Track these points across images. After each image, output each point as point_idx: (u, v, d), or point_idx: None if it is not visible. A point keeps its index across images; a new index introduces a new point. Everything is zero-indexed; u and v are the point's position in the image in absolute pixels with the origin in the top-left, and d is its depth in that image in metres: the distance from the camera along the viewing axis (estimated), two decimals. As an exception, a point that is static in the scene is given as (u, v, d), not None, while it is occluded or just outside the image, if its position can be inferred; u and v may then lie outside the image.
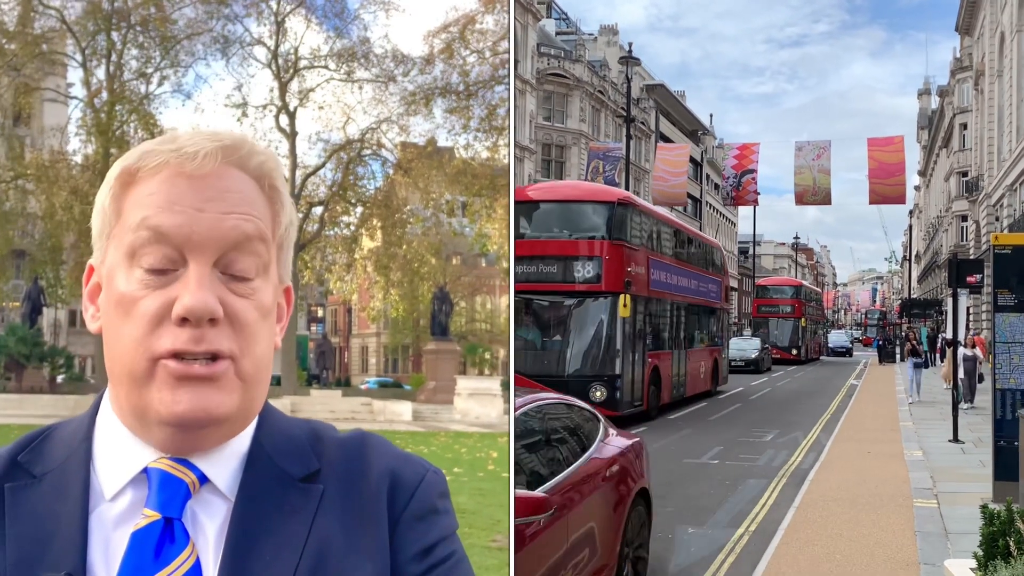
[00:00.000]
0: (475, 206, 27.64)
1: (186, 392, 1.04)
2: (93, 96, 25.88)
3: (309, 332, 33.39)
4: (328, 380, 29.87)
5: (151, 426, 1.08)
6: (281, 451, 1.16)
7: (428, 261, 28.31)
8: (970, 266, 15.92)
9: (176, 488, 1.08)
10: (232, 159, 1.12)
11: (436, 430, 21.27)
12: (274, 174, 1.16)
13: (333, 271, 29.91)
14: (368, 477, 1.16)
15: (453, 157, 27.45)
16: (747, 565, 7.63)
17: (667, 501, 10.66)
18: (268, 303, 1.13)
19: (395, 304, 29.45)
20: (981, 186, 43.25)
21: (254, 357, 1.10)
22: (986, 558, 4.23)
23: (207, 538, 1.08)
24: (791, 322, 45.89)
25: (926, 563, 7.28)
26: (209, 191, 1.08)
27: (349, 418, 23.51)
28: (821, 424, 18.32)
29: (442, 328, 26.94)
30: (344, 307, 35.07)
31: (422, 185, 27.59)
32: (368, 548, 1.11)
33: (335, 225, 29.50)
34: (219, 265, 1.07)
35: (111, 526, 1.07)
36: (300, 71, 27.97)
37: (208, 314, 1.04)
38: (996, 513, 4.40)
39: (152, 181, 1.09)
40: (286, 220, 1.17)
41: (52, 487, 1.09)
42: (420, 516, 1.16)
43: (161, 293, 1.05)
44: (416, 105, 27.37)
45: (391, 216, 27.79)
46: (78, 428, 1.15)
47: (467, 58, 27.09)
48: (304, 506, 1.12)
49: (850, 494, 10.52)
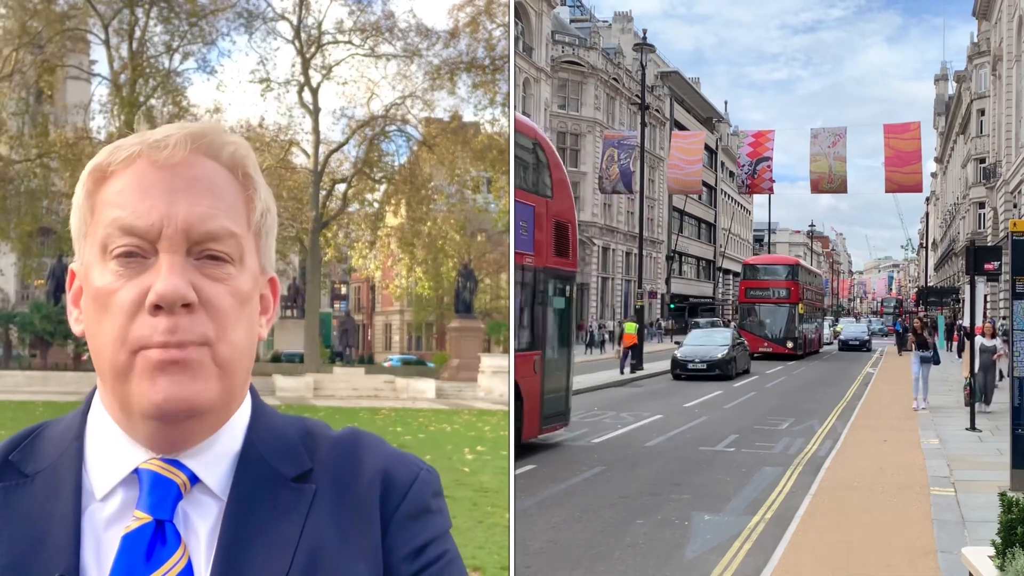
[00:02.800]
0: (500, 182, 27.33)
1: (165, 381, 1.04)
2: (118, 74, 25.83)
3: (332, 310, 33.32)
4: (351, 358, 29.75)
5: (136, 421, 1.08)
6: (273, 450, 1.15)
7: (452, 238, 28.01)
8: (988, 253, 15.81)
9: (167, 489, 1.07)
10: (203, 148, 1.11)
11: (460, 408, 21.12)
12: (246, 161, 1.15)
13: (356, 248, 29.64)
14: (361, 476, 1.15)
15: (478, 132, 27.11)
16: (763, 552, 7.65)
17: (683, 488, 10.69)
18: (246, 289, 1.12)
19: (419, 281, 29.22)
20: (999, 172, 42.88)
21: (231, 343, 1.09)
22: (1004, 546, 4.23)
23: (199, 539, 1.08)
24: (785, 309, 38.70)
25: (943, 551, 7.27)
26: (178, 180, 1.08)
27: (372, 395, 23.46)
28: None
29: (466, 305, 26.75)
30: (367, 284, 34.90)
31: (447, 161, 27.20)
32: (361, 548, 1.11)
33: (359, 202, 29.20)
34: (192, 253, 1.07)
35: (103, 526, 1.07)
36: (324, 46, 27.66)
37: (180, 299, 1.04)
38: (1015, 501, 4.39)
39: (123, 175, 1.09)
40: (261, 207, 1.16)
41: (44, 487, 1.09)
42: (413, 515, 1.15)
43: (135, 283, 1.05)
44: (441, 80, 27.01)
45: (415, 193, 27.38)
46: (69, 426, 1.15)
47: (493, 32, 26.72)
48: (296, 506, 1.11)
49: (867, 482, 10.51)
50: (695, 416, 17.72)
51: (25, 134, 25.60)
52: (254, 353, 1.17)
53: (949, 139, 71.87)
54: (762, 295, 39.30)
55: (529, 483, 10.61)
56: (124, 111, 24.95)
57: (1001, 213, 40.75)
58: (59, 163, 24.81)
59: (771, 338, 38.11)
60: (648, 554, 7.79)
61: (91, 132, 25.75)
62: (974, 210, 52.71)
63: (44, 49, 25.50)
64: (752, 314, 39.12)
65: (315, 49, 27.45)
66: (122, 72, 25.81)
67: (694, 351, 27.78)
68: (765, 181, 39.75)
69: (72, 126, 25.50)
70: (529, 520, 8.81)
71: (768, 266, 42.39)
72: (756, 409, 19.17)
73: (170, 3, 26.17)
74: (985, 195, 48.55)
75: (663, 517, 9.14)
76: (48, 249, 26.27)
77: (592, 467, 11.95)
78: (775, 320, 38.64)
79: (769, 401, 21.17)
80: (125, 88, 25.48)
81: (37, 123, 25.92)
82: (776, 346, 37.81)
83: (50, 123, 25.94)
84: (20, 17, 25.15)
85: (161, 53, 26.41)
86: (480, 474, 10.96)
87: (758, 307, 39.08)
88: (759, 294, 39.48)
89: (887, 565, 7.05)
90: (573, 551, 7.87)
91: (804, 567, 7.01)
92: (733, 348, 28.28)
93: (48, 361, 23.36)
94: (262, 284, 1.18)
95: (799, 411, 18.73)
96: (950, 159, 72.17)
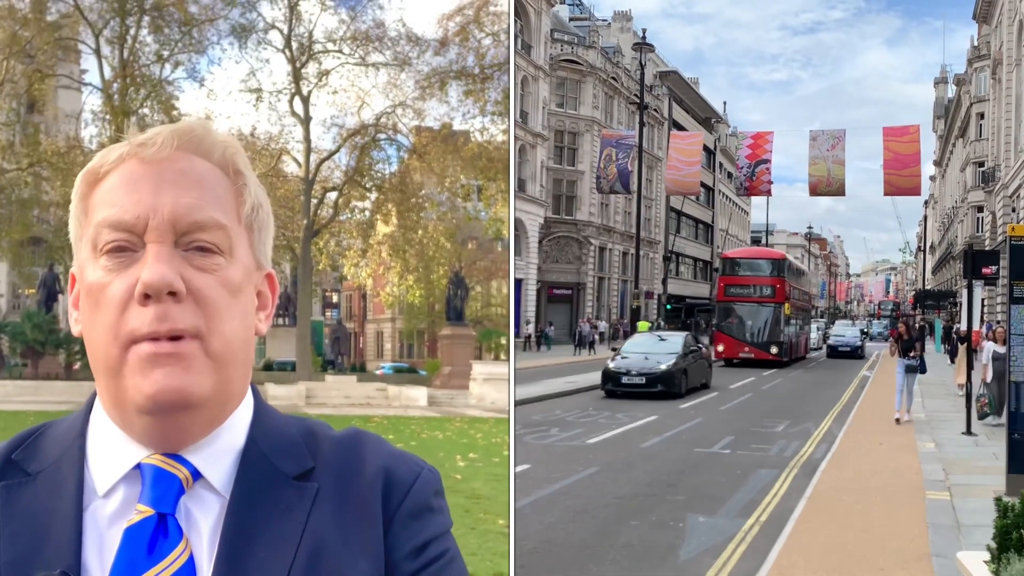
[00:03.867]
0: (490, 190, 27.51)
1: (157, 374, 1.04)
2: (109, 84, 25.91)
3: (324, 318, 33.40)
4: (343, 365, 29.85)
5: (131, 417, 1.08)
6: (276, 449, 1.16)
7: (443, 246, 28.20)
8: (986, 257, 15.84)
9: (169, 484, 1.07)
10: (190, 145, 1.13)
11: (451, 415, 21.22)
12: (236, 158, 1.16)
13: (348, 256, 29.83)
14: (363, 475, 1.15)
15: (468, 141, 27.32)
16: (758, 555, 7.62)
17: (678, 490, 10.67)
18: (236, 280, 1.12)
19: (411, 289, 29.36)
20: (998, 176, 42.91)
21: (223, 335, 1.09)
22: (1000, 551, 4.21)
23: (201, 535, 1.08)
24: (770, 309, 34.00)
25: (938, 555, 7.25)
26: (165, 174, 1.10)
27: (364, 403, 23.50)
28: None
29: (457, 313, 26.82)
30: (359, 292, 35.00)
31: (437, 169, 27.45)
32: (362, 546, 1.11)
33: (350, 210, 29.40)
34: (180, 244, 1.08)
35: (105, 523, 1.08)
36: (315, 55, 27.86)
37: (167, 287, 1.04)
38: (1010, 505, 4.37)
39: (113, 176, 1.11)
40: (251, 201, 1.16)
41: (46, 485, 1.10)
42: (414, 514, 1.16)
43: (124, 276, 1.06)
44: (431, 88, 27.24)
45: (406, 201, 27.69)
46: (72, 425, 1.15)
47: (482, 41, 26.95)
48: (298, 504, 1.12)
49: (862, 485, 10.50)
50: (691, 418, 17.70)
51: (16, 143, 25.65)
52: (251, 347, 1.17)
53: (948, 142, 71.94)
54: (743, 293, 34.85)
55: (523, 483, 10.59)
56: (115, 120, 24.99)
57: (999, 217, 40.79)
58: (50, 172, 24.91)
59: (752, 342, 33.98)
60: (642, 555, 7.76)
61: (83, 141, 25.85)
62: (972, 214, 52.76)
63: (35, 58, 25.53)
64: (731, 315, 34.61)
65: (306, 58, 27.71)
66: (113, 81, 25.87)
67: (631, 362, 21.79)
68: (763, 183, 39.80)
69: (64, 136, 25.57)
70: (523, 520, 8.79)
71: (751, 260, 37.17)
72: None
73: (161, 13, 26.28)
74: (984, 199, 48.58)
75: (658, 518, 9.11)
76: (39, 258, 26.34)
77: (587, 467, 11.93)
78: (757, 321, 34.12)
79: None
80: (116, 97, 25.54)
81: (28, 132, 25.98)
82: (758, 351, 33.70)
83: (41, 132, 26.01)
84: (10, 26, 25.19)
85: (152, 62, 26.50)
86: (472, 481, 10.96)
87: (738, 306, 34.47)
88: (740, 292, 34.95)
89: (881, 569, 7.03)
90: (567, 552, 7.84)
91: (798, 570, 6.99)
92: (684, 357, 22.49)
93: (39, 371, 23.33)
94: (258, 280, 1.19)
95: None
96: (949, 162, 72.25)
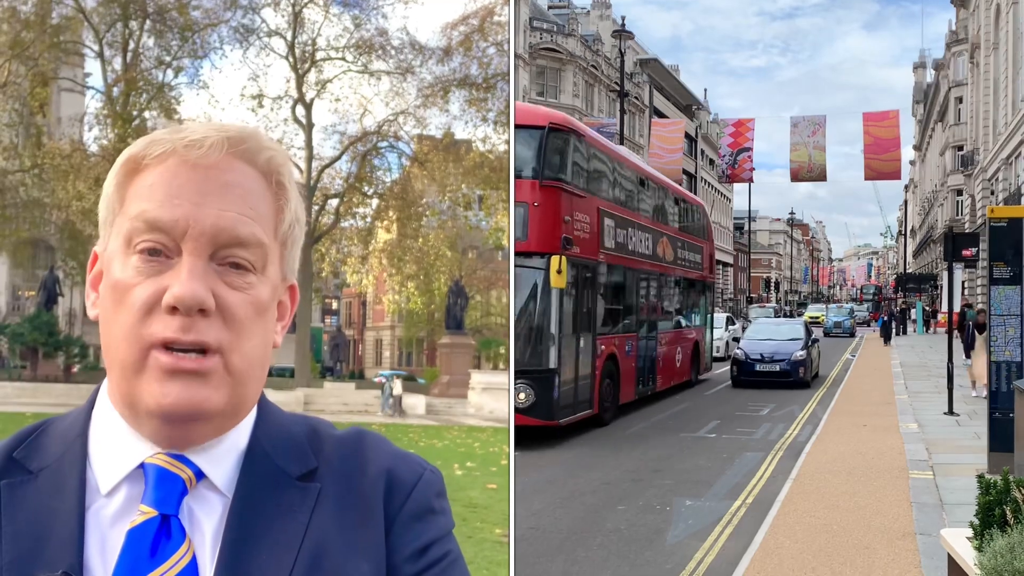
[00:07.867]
0: (491, 199, 27.61)
1: (175, 386, 1.03)
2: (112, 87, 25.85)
3: (323, 324, 33.40)
4: (342, 373, 29.87)
5: (141, 417, 1.07)
6: (279, 449, 1.15)
7: (444, 254, 28.26)
8: (966, 239, 15.97)
9: (172, 484, 1.07)
10: (239, 151, 1.10)
11: (449, 424, 21.29)
12: (282, 170, 1.14)
13: (348, 263, 29.92)
14: (365, 475, 1.15)
15: (470, 150, 27.42)
16: (745, 536, 7.69)
17: (664, 474, 10.74)
18: (265, 299, 1.11)
19: (411, 297, 29.44)
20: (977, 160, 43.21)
21: (244, 352, 1.08)
22: (982, 527, 4.26)
23: (203, 535, 1.08)
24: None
25: (922, 533, 7.34)
26: (210, 184, 1.07)
27: (363, 410, 23.66)
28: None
29: (457, 322, 26.90)
30: (359, 299, 35.08)
31: (439, 178, 27.54)
32: (365, 547, 1.11)
33: (351, 217, 29.49)
34: (215, 258, 1.06)
35: (108, 523, 1.07)
36: (317, 62, 27.93)
37: (197, 304, 1.03)
38: (992, 483, 4.42)
39: (155, 170, 1.08)
40: (290, 217, 1.15)
41: (48, 483, 1.08)
42: (417, 515, 1.15)
43: (154, 281, 1.05)
44: (434, 97, 27.28)
45: (407, 209, 27.75)
46: (74, 423, 1.14)
47: (486, 50, 27.01)
48: (301, 504, 1.11)
49: (846, 466, 10.59)
50: (677, 403, 17.79)
51: (19, 145, 25.51)
52: (268, 362, 1.17)
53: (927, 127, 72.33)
54: None
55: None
56: (118, 124, 24.89)
57: (979, 200, 41.08)
58: (53, 174, 24.78)
59: None
60: (630, 539, 7.81)
61: (86, 144, 25.76)
62: (952, 197, 53.12)
63: (38, 61, 25.40)
64: None
65: (309, 65, 27.69)
66: (115, 85, 25.75)
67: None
68: (745, 171, 39.90)
69: (66, 138, 25.47)
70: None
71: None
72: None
73: (164, 17, 26.15)
74: (963, 182, 48.93)
75: (645, 503, 9.17)
76: (40, 260, 26.21)
77: (574, 453, 11.97)
78: None
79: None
80: (119, 101, 25.45)
81: (31, 135, 25.84)
82: None
83: (44, 135, 25.87)
84: (13, 29, 25.02)
85: (154, 67, 26.42)
86: (469, 490, 11.00)
87: None
88: None
89: (866, 547, 7.11)
90: (555, 537, 7.88)
91: (785, 550, 7.06)
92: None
93: (38, 372, 23.25)
94: (281, 291, 1.18)
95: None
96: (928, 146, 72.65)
